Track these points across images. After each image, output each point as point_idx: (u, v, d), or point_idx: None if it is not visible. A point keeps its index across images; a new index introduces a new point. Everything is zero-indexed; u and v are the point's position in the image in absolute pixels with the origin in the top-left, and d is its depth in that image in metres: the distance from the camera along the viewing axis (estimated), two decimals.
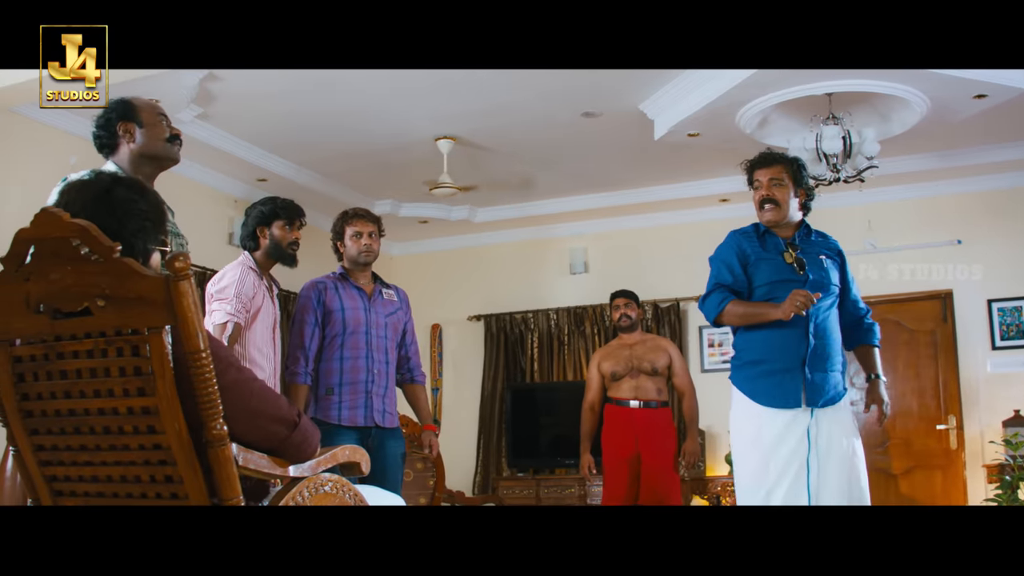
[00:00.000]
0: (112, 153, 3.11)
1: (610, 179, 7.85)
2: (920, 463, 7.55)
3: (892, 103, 6.07)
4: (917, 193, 7.65)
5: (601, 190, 8.18)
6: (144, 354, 1.88)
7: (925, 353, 7.65)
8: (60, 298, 1.92)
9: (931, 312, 7.67)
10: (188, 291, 1.84)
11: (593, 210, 8.45)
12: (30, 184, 5.46)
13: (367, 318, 4.33)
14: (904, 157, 7.08)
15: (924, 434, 7.57)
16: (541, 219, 8.66)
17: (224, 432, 1.92)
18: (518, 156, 7.22)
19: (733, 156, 7.02)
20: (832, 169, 5.81)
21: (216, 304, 3.97)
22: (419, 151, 7.00)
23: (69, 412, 2.01)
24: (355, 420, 4.22)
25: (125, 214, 2.04)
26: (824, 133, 5.78)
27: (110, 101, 3.09)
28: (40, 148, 5.74)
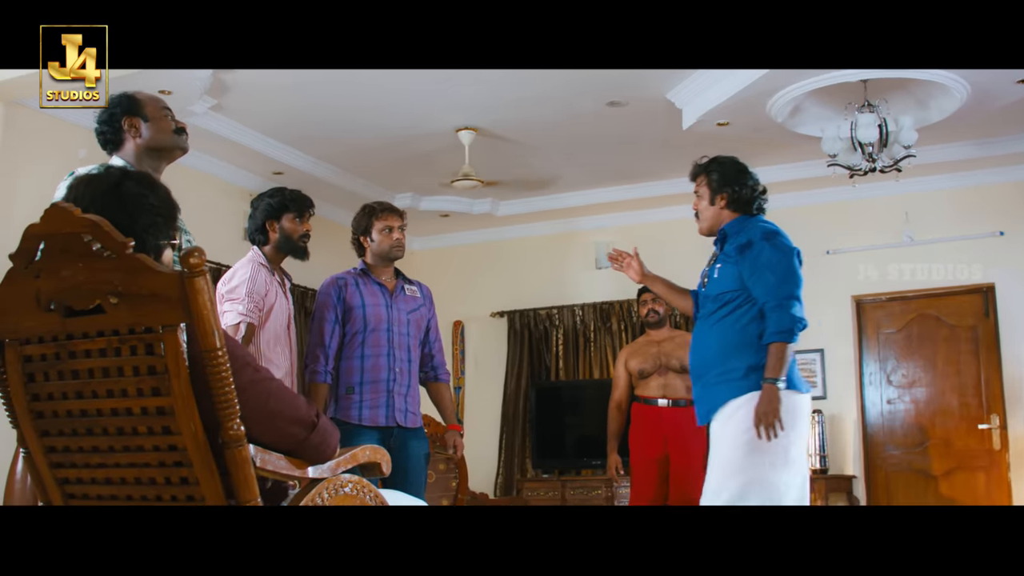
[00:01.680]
0: (117, 149, 3.12)
1: (636, 171, 7.81)
2: (961, 464, 7.48)
3: (930, 89, 6.01)
4: (957, 183, 7.57)
5: (627, 182, 8.14)
6: (158, 352, 1.88)
7: (966, 349, 7.58)
8: (71, 295, 1.92)
9: (972, 307, 7.59)
10: (203, 287, 1.83)
11: (619, 203, 8.41)
12: (38, 178, 5.49)
13: (388, 315, 4.32)
14: (943, 145, 7.00)
15: (965, 434, 7.50)
16: (565, 212, 8.64)
17: (241, 432, 1.91)
18: (542, 147, 7.20)
19: (764, 146, 7.01)
20: (868, 159, 5.76)
21: (228, 304, 3.95)
22: (440, 143, 6.99)
23: (81, 413, 2.00)
24: (376, 420, 4.21)
25: (136, 209, 2.03)
26: (859, 121, 5.72)
27: (113, 96, 3.10)
28: (48, 141, 5.74)
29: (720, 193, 3.91)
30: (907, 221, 7.66)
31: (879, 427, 7.72)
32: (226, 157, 7.07)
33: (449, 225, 8.96)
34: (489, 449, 8.71)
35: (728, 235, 3.88)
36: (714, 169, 3.94)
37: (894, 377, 7.75)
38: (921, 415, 7.62)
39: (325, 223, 4.31)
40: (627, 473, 6.15)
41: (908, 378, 7.69)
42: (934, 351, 7.62)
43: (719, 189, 3.91)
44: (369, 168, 7.67)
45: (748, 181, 3.93)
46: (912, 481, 7.55)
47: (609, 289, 8.63)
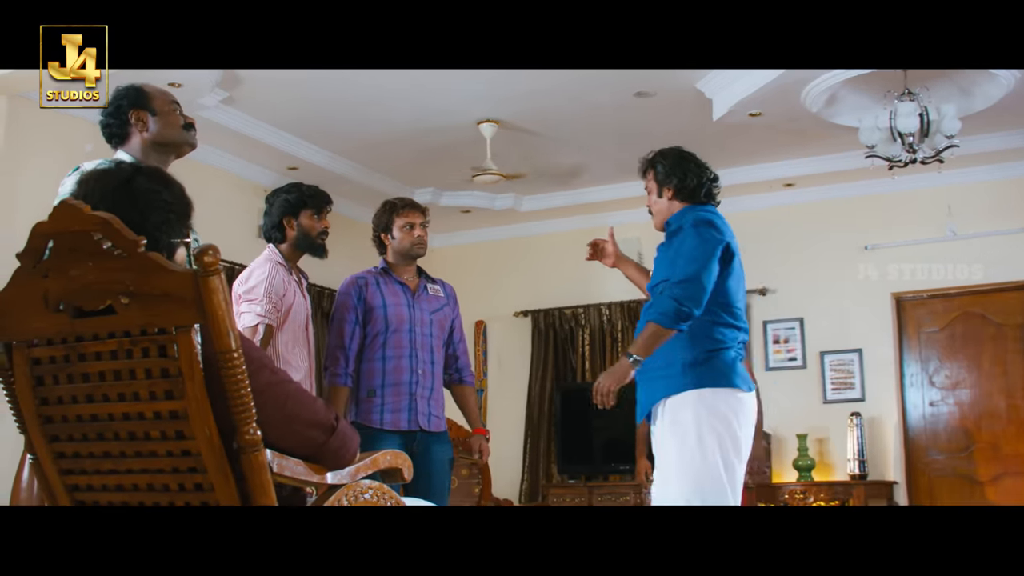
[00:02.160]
0: (122, 143, 3.13)
1: None
2: (1009, 469, 7.41)
3: (975, 76, 5.96)
4: (1002, 174, 7.50)
5: None
6: (171, 355, 1.87)
7: (1013, 348, 7.51)
8: (81, 296, 1.92)
9: (1019, 304, 7.52)
10: (218, 287, 1.83)
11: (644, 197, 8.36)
12: (43, 173, 5.51)
13: (411, 315, 4.32)
14: (988, 135, 6.93)
15: (1014, 438, 7.43)
16: (592, 207, 8.62)
17: (258, 437, 1.91)
18: (567, 140, 7.18)
19: (799, 137, 6.98)
20: (908, 149, 5.71)
21: (245, 305, 3.96)
22: (461, 136, 6.99)
23: (92, 417, 2.00)
24: (398, 424, 4.22)
25: (148, 206, 2.03)
26: (899, 110, 5.67)
27: (120, 88, 3.12)
28: (53, 135, 5.74)
29: (666, 185, 3.96)
30: (950, 214, 7.60)
31: (921, 430, 7.66)
32: (239, 152, 7.09)
33: (470, 221, 8.96)
34: (513, 454, 8.70)
35: (671, 225, 3.93)
36: (658, 161, 4.01)
37: (937, 378, 7.69)
38: (966, 418, 7.55)
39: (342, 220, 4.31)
40: None
41: (952, 379, 7.63)
42: (979, 351, 7.55)
43: (665, 181, 3.96)
44: (387, 162, 7.68)
45: (694, 169, 3.98)
46: (957, 487, 7.48)
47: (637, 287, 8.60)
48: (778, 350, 8.13)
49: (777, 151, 7.40)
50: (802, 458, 7.53)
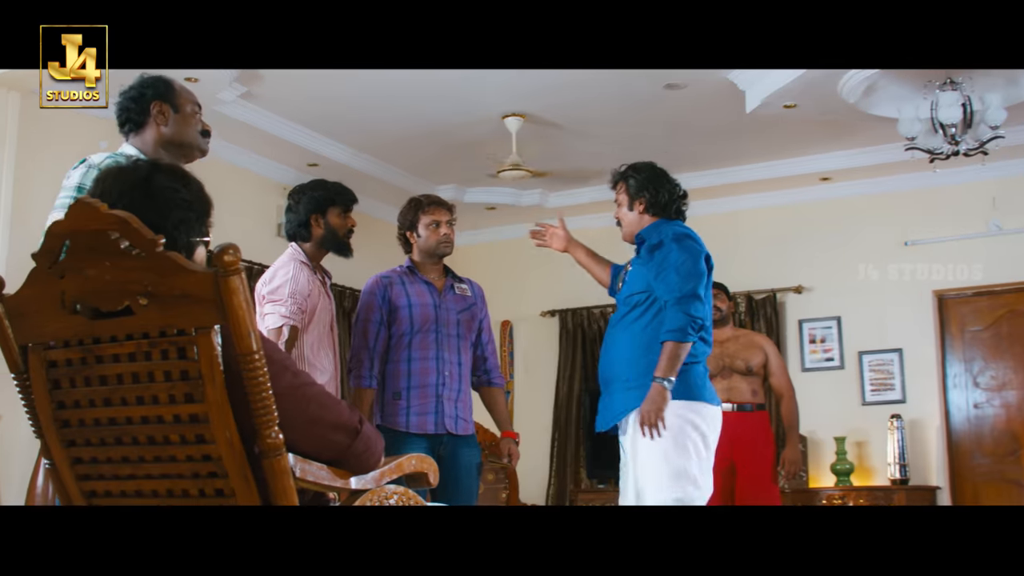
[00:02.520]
0: (137, 131, 3.13)
1: (697, 157, 7.75)
2: None
3: None
4: None
5: (687, 170, 8.05)
6: (191, 356, 1.88)
7: None
8: (98, 296, 1.92)
9: None
10: (239, 287, 1.83)
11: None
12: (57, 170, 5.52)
13: (437, 315, 4.31)
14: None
15: None
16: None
17: (280, 441, 1.91)
18: (595, 133, 7.17)
19: (835, 129, 6.93)
20: (950, 141, 5.66)
21: (269, 307, 3.95)
22: (485, 130, 6.99)
23: (109, 421, 2.01)
24: (425, 427, 4.21)
25: (166, 204, 2.04)
26: (940, 100, 5.63)
27: (147, 77, 3.15)
28: (66, 132, 5.73)
29: (638, 198, 4.13)
30: (994, 208, 7.53)
31: (965, 434, 7.60)
32: (257, 148, 7.12)
33: (495, 218, 8.96)
34: (540, 458, 8.69)
35: (645, 239, 4.10)
36: (631, 175, 4.17)
37: (981, 379, 7.62)
38: (1013, 420, 7.48)
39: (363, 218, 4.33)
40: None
41: (998, 380, 7.56)
42: None
43: (637, 194, 4.13)
44: (410, 158, 7.69)
45: (666, 185, 4.15)
46: (1004, 492, 7.40)
47: None
48: (815, 350, 8.09)
49: (813, 144, 7.35)
50: (840, 462, 7.49)
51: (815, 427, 7.69)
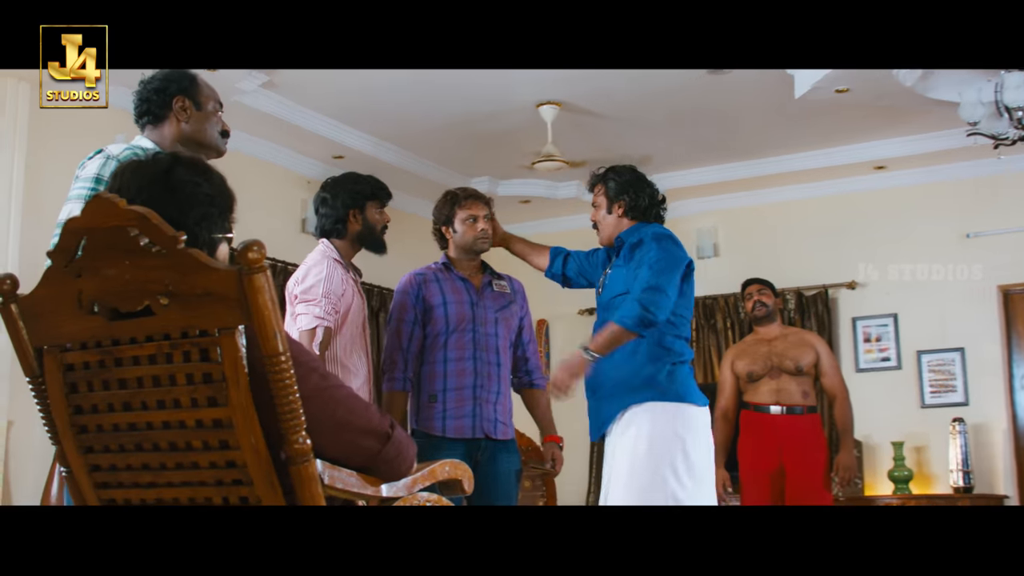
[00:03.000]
0: (155, 124, 3.17)
1: (743, 146, 7.72)
2: None
3: None
4: None
5: (732, 160, 8.05)
6: (214, 358, 1.88)
7: None
8: (117, 296, 1.93)
9: None
10: (264, 285, 1.83)
11: (723, 183, 8.34)
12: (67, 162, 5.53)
13: (473, 313, 4.31)
14: None
15: None
16: None
17: (307, 446, 1.91)
18: (634, 122, 7.15)
19: (890, 116, 6.88)
20: (1017, 125, 5.59)
21: (301, 307, 3.95)
22: (519, 120, 6.98)
23: (129, 427, 2.02)
24: (461, 431, 4.20)
25: (187, 199, 2.04)
26: (1006, 82, 5.56)
27: (171, 71, 3.19)
28: (80, 124, 5.70)
29: (617, 201, 4.22)
30: None
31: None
32: (280, 140, 7.14)
33: (530, 212, 8.95)
34: (579, 464, 8.68)
35: (624, 241, 4.17)
36: (611, 178, 4.26)
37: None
38: None
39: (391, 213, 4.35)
40: (736, 490, 6.09)
41: None
42: None
43: (616, 197, 4.22)
44: (440, 150, 7.70)
45: (646, 189, 4.25)
46: None
47: (713, 282, 8.55)
48: (869, 349, 8.03)
49: (866, 130, 7.30)
50: (898, 468, 7.43)
51: (871, 431, 7.63)
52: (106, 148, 3.03)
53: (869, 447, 7.76)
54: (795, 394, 5.85)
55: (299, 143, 7.19)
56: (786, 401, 5.85)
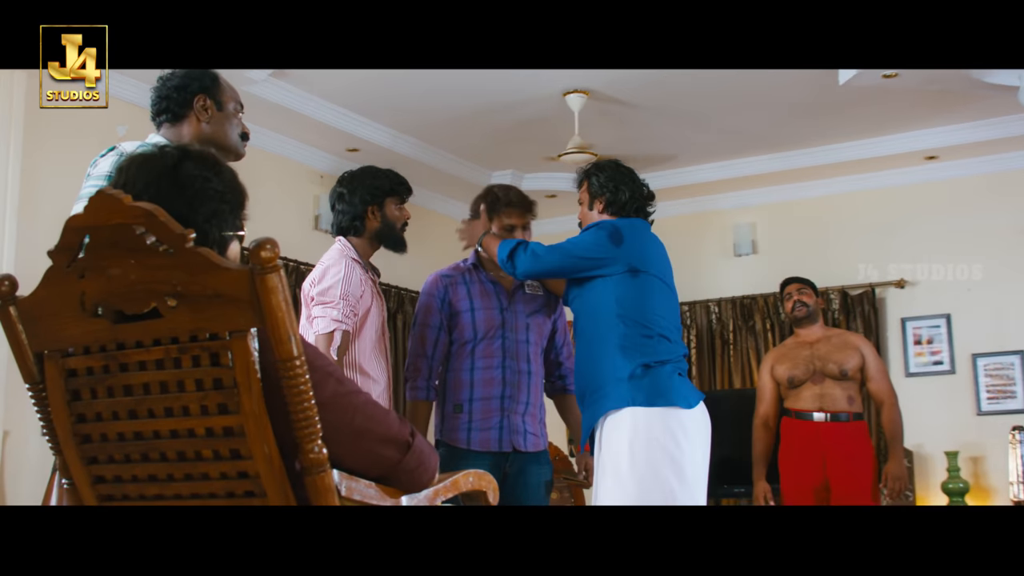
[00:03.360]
0: (173, 123, 3.19)
1: (783, 136, 7.69)
2: None
3: None
4: None
5: (771, 151, 8.03)
6: (225, 363, 1.89)
7: None
8: (122, 298, 1.94)
9: None
10: (278, 286, 1.83)
11: (762, 176, 8.31)
12: (64, 159, 5.56)
13: (503, 319, 4.29)
14: None
15: None
16: (696, 189, 8.57)
17: (323, 456, 1.91)
18: (667, 111, 7.13)
19: (943, 101, 6.84)
20: None
21: (318, 309, 3.94)
22: (544, 109, 6.98)
23: (135, 436, 2.02)
24: (487, 444, 4.20)
25: (197, 195, 2.05)
26: None
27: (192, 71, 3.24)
28: (81, 117, 5.73)
29: (598, 197, 4.29)
30: None
31: None
32: (291, 132, 7.16)
33: (556, 207, 8.94)
34: None
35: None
36: (593, 174, 4.34)
37: None
38: None
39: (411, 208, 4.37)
40: (778, 503, 6.07)
41: None
42: None
43: (597, 193, 4.30)
44: (460, 142, 7.70)
45: (627, 183, 4.29)
46: None
47: (751, 280, 8.54)
48: (920, 352, 7.99)
49: (917, 118, 7.26)
50: (952, 480, 7.38)
51: (922, 440, 7.59)
52: (120, 145, 3.06)
53: (921, 457, 7.72)
54: (839, 400, 5.82)
55: (311, 135, 7.21)
56: (830, 407, 5.82)
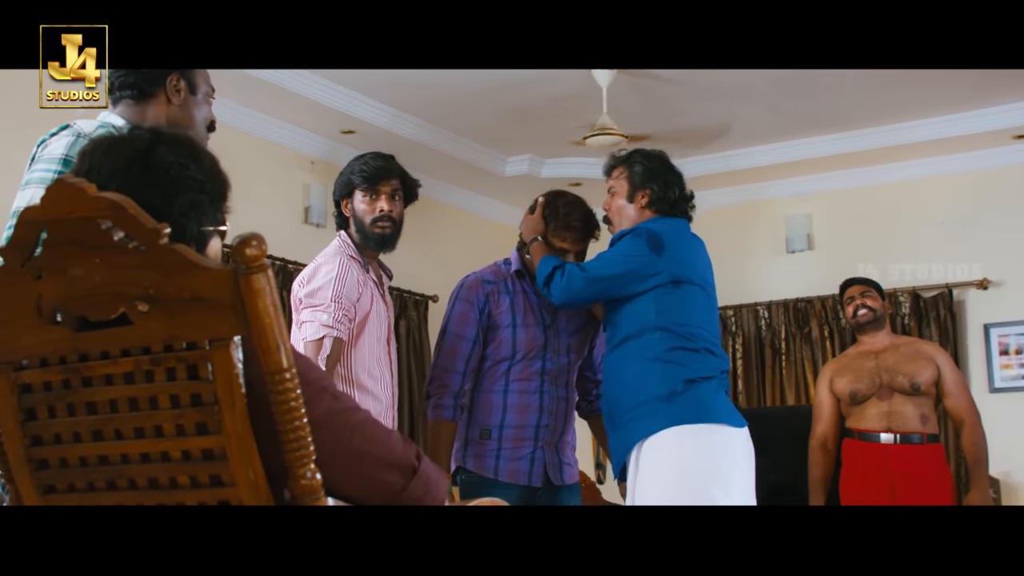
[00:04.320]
0: (138, 101, 3.22)
1: (842, 114, 7.69)
2: None
3: None
4: None
5: (829, 131, 8.02)
6: (205, 377, 1.89)
7: None
8: (85, 302, 1.93)
9: None
10: (265, 288, 1.83)
11: (819, 160, 8.31)
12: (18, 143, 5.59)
13: (546, 339, 4.32)
14: None
15: None
16: (743, 175, 8.57)
17: (317, 482, 1.91)
18: (706, 86, 7.13)
19: None
20: None
21: (307, 313, 3.96)
22: (568, 86, 6.99)
23: (100, 460, 2.02)
24: (516, 476, 4.23)
25: (172, 184, 2.05)
26: None
27: None
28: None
29: (642, 189, 4.31)
30: None
31: None
32: (279, 112, 7.17)
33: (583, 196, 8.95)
34: None
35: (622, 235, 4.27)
36: (639, 161, 4.35)
37: None
38: None
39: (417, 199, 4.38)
40: None
41: None
42: None
43: (642, 184, 4.31)
44: (471, 123, 7.72)
45: (676, 180, 4.34)
46: None
47: (806, 281, 8.54)
48: (1007, 364, 7.97)
49: (1002, 90, 7.24)
50: None
51: (1010, 467, 7.57)
52: (75, 123, 3.08)
53: (1009, 487, 7.70)
54: (911, 419, 5.79)
55: (300, 116, 7.23)
56: (900, 428, 5.80)
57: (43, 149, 3.06)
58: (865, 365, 5.97)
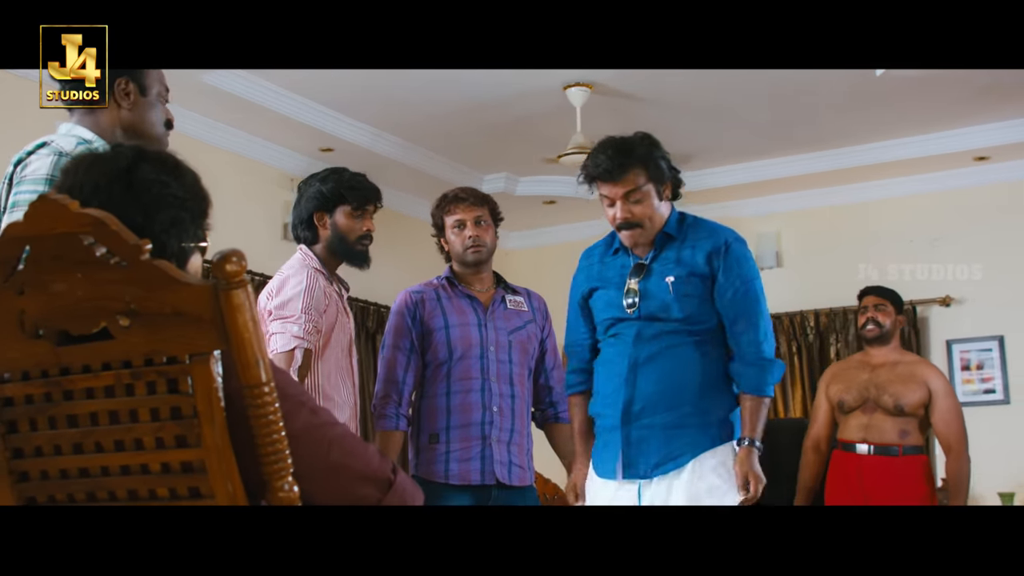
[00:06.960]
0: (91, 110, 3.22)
1: (813, 135, 7.72)
2: None
3: None
4: None
5: (799, 151, 8.05)
6: (185, 390, 1.89)
7: None
8: (67, 317, 1.93)
9: None
10: (244, 303, 1.83)
11: (788, 179, 8.34)
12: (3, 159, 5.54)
13: (482, 336, 4.34)
14: None
15: None
16: (714, 194, 8.58)
17: (294, 495, 1.92)
18: (679, 106, 7.16)
19: (994, 94, 6.86)
20: None
21: (276, 325, 3.98)
22: (542, 105, 7.00)
23: (81, 473, 2.02)
24: (468, 476, 4.25)
25: (154, 201, 2.05)
26: None
27: None
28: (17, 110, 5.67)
29: (666, 182, 4.02)
30: None
31: None
32: (258, 130, 7.16)
33: (555, 215, 8.97)
34: None
35: (675, 238, 4.01)
36: (647, 154, 4.01)
37: None
38: None
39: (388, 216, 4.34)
40: None
41: None
42: None
43: (666, 177, 4.02)
44: (448, 141, 7.72)
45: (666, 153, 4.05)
46: None
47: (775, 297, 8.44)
48: (969, 379, 8.00)
49: (964, 114, 7.29)
50: None
51: (973, 480, 7.58)
52: (53, 141, 3.06)
53: (972, 500, 7.69)
54: (888, 432, 5.66)
55: (279, 133, 7.22)
56: (876, 439, 5.68)
57: (23, 169, 3.04)
58: (859, 377, 5.88)
